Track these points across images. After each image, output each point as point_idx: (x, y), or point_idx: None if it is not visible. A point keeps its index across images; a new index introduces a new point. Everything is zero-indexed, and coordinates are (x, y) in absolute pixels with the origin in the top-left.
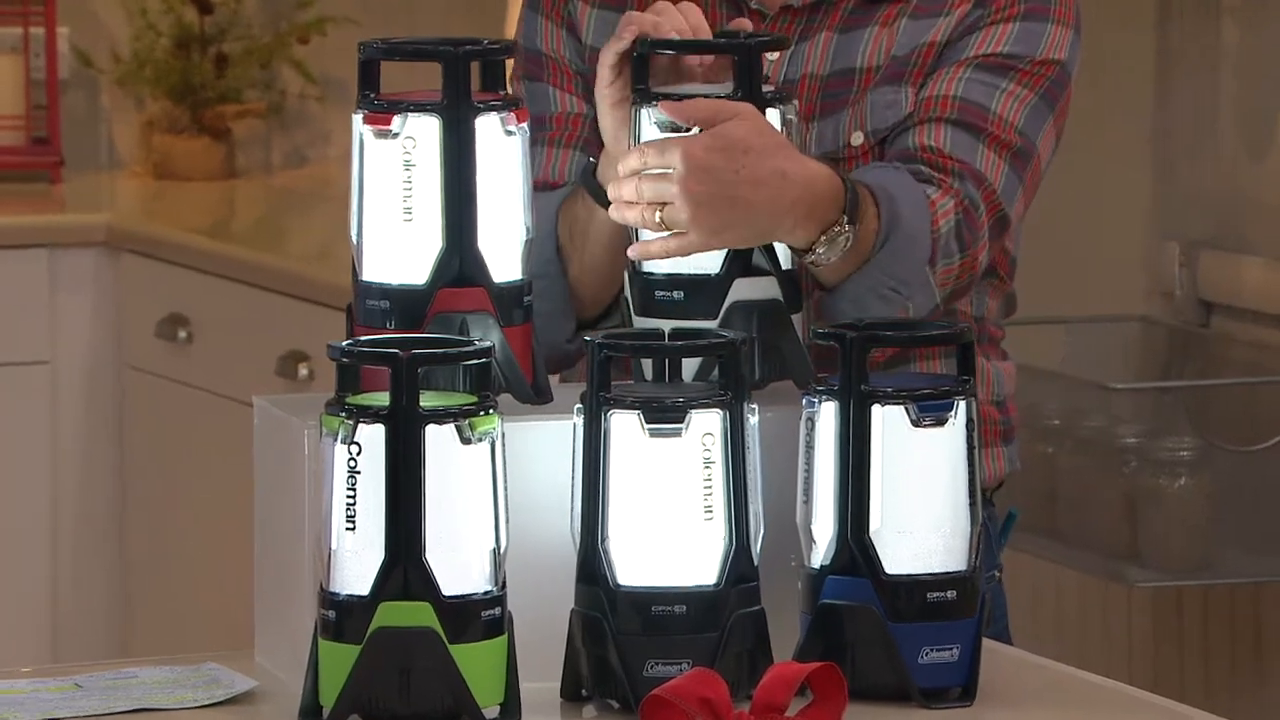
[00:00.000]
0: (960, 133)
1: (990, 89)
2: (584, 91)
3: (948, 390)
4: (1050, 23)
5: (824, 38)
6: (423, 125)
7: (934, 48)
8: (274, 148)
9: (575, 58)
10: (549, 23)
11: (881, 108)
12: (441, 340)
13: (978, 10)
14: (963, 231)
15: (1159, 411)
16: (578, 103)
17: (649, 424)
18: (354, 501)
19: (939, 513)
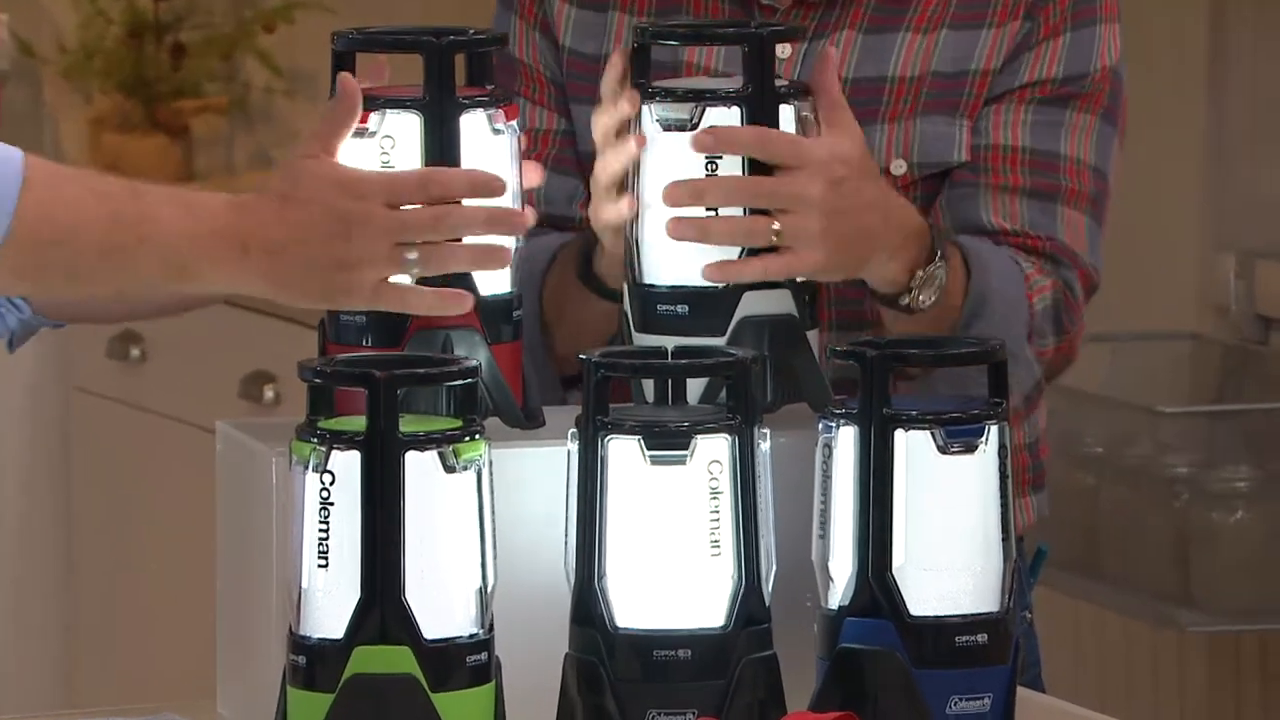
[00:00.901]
0: (1037, 203)
1: (1054, 128)
2: (557, 103)
3: (978, 413)
4: (1098, 24)
5: (846, 36)
6: (402, 123)
7: (987, 77)
8: (237, 147)
9: (550, 63)
10: (523, 24)
11: (931, 139)
12: (423, 359)
13: (1026, 24)
14: (1060, 315)
15: (1212, 438)
16: (549, 117)
17: (650, 450)
18: (327, 536)
19: (968, 548)
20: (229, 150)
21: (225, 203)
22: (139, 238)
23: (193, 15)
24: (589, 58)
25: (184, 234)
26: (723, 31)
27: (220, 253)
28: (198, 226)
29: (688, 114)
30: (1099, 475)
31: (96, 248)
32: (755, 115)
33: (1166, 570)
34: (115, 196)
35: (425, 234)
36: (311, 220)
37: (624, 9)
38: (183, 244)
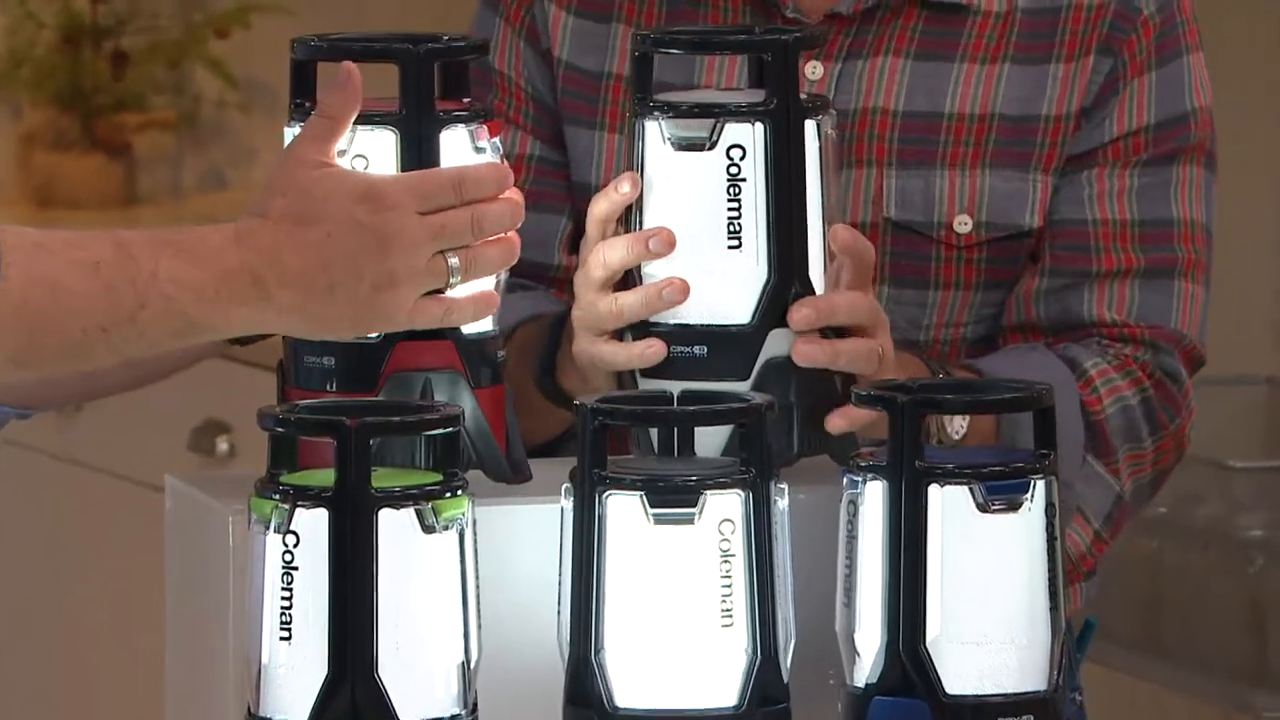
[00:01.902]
0: (1151, 285)
1: (1163, 190)
2: (536, 124)
3: (1022, 467)
4: (1185, 55)
5: (891, 63)
6: (376, 141)
7: (1060, 124)
8: (185, 168)
9: (535, 78)
10: (508, 29)
11: (1002, 197)
12: (398, 405)
13: (1105, 60)
14: (1154, 410)
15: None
16: (524, 140)
17: (653, 508)
18: (290, 605)
19: (1012, 619)
20: (176, 171)
21: (229, 237)
22: (139, 302)
23: (136, 18)
24: (589, 74)
25: (187, 286)
26: (738, 39)
27: (233, 297)
28: (201, 273)
29: (705, 131)
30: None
31: (95, 325)
32: (779, 132)
33: (1239, 645)
34: (105, 263)
35: (464, 238)
36: (336, 241)
37: (629, 21)
38: (187, 298)
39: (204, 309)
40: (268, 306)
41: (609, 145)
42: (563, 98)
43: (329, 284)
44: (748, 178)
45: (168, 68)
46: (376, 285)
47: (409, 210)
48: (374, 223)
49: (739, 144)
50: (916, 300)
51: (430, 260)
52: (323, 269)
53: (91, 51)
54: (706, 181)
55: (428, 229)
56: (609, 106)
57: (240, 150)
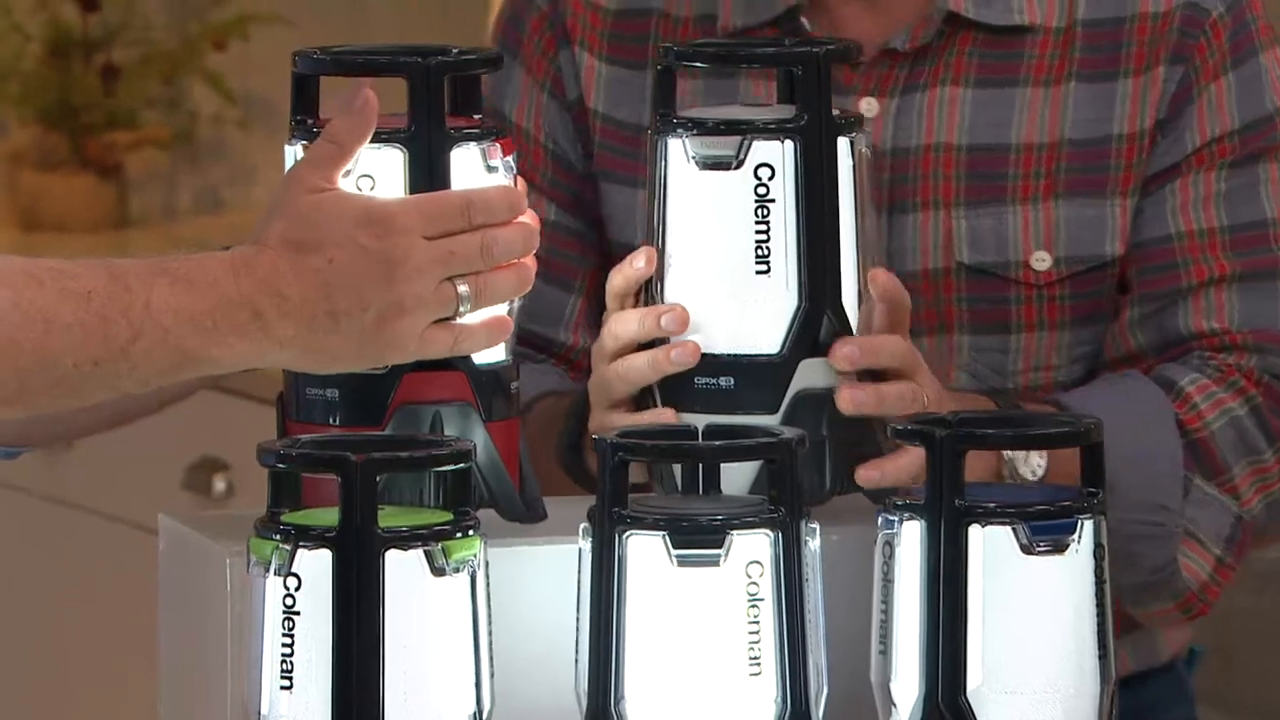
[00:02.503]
0: (1250, 290)
1: (1252, 191)
2: (550, 184)
3: (1068, 505)
4: (1259, 53)
5: (951, 93)
6: (383, 160)
7: (1135, 143)
8: (180, 188)
9: (554, 131)
10: (528, 79)
11: (1079, 227)
12: (405, 440)
13: (1176, 69)
14: (1266, 418)
15: None
16: (538, 203)
17: (677, 549)
18: (291, 652)
19: (1058, 668)
20: (171, 191)
21: (226, 265)
22: (132, 334)
23: (128, 30)
24: (625, 126)
25: (184, 316)
26: (766, 51)
27: (230, 328)
28: (198, 303)
29: (732, 150)
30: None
31: (87, 359)
32: (810, 150)
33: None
34: (97, 293)
35: (474, 265)
36: (339, 268)
37: None
38: (184, 329)
39: (201, 341)
40: (267, 339)
41: None
42: (599, 152)
43: (331, 313)
44: (777, 199)
45: (162, 82)
46: (382, 314)
47: (415, 235)
48: (379, 248)
49: (767, 163)
50: (999, 346)
51: (439, 287)
52: (324, 298)
53: (81, 65)
54: (733, 203)
55: (435, 254)
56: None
57: (238, 169)
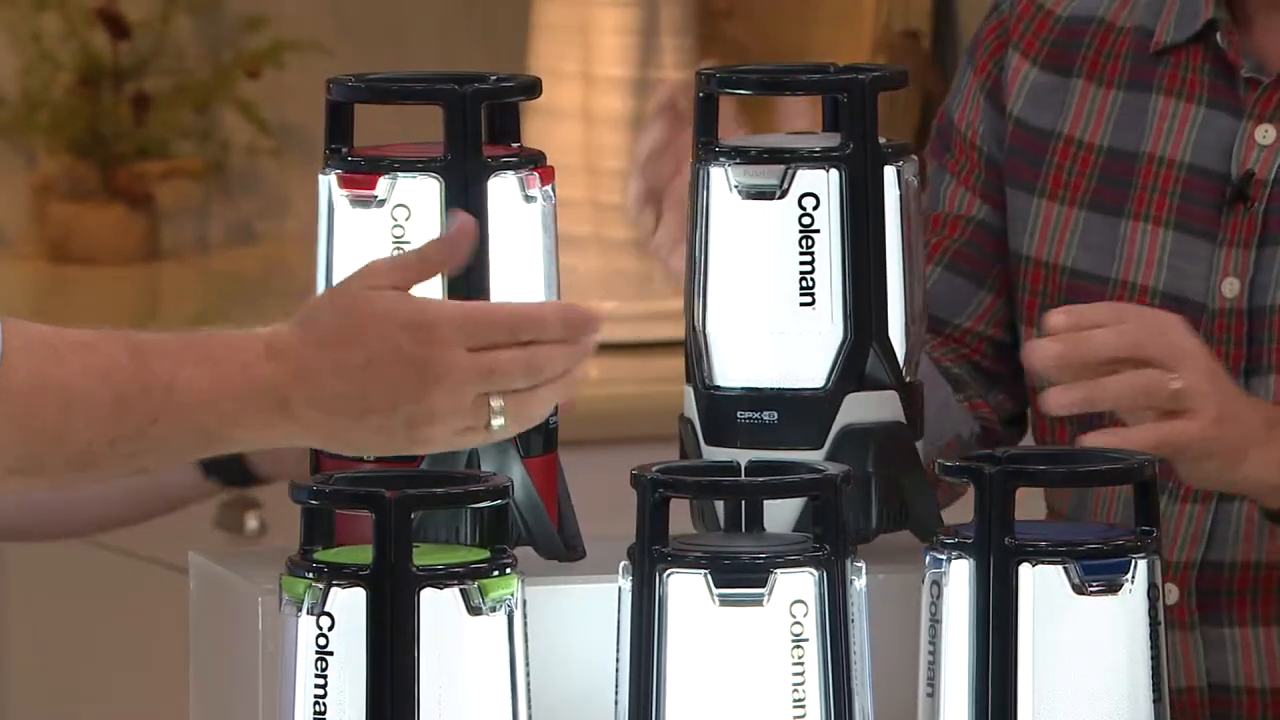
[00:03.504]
0: None
1: None
2: (983, 187)
3: (1122, 544)
4: None
5: None
6: (418, 190)
7: None
8: (212, 219)
9: (988, 135)
10: (975, 80)
11: None
12: (441, 476)
13: None
14: None
15: None
16: (970, 201)
17: (719, 589)
18: (325, 693)
19: (1111, 711)
20: (203, 223)
21: (259, 349)
22: (151, 415)
23: (159, 59)
24: (1038, 132)
25: (205, 399)
26: (810, 78)
27: (255, 412)
28: (222, 388)
29: (775, 179)
30: None
31: (103, 438)
32: (855, 177)
33: None
34: (118, 370)
35: (515, 382)
36: (377, 371)
37: (1090, 76)
38: (205, 412)
39: (222, 424)
40: (292, 424)
41: (1046, 214)
42: (1008, 156)
43: (362, 411)
44: (821, 229)
45: (194, 111)
46: (412, 419)
47: (458, 347)
48: (419, 355)
49: (812, 192)
50: None
51: (475, 400)
52: (358, 396)
53: (112, 94)
54: (777, 233)
55: (475, 369)
56: (1052, 172)
57: (272, 200)
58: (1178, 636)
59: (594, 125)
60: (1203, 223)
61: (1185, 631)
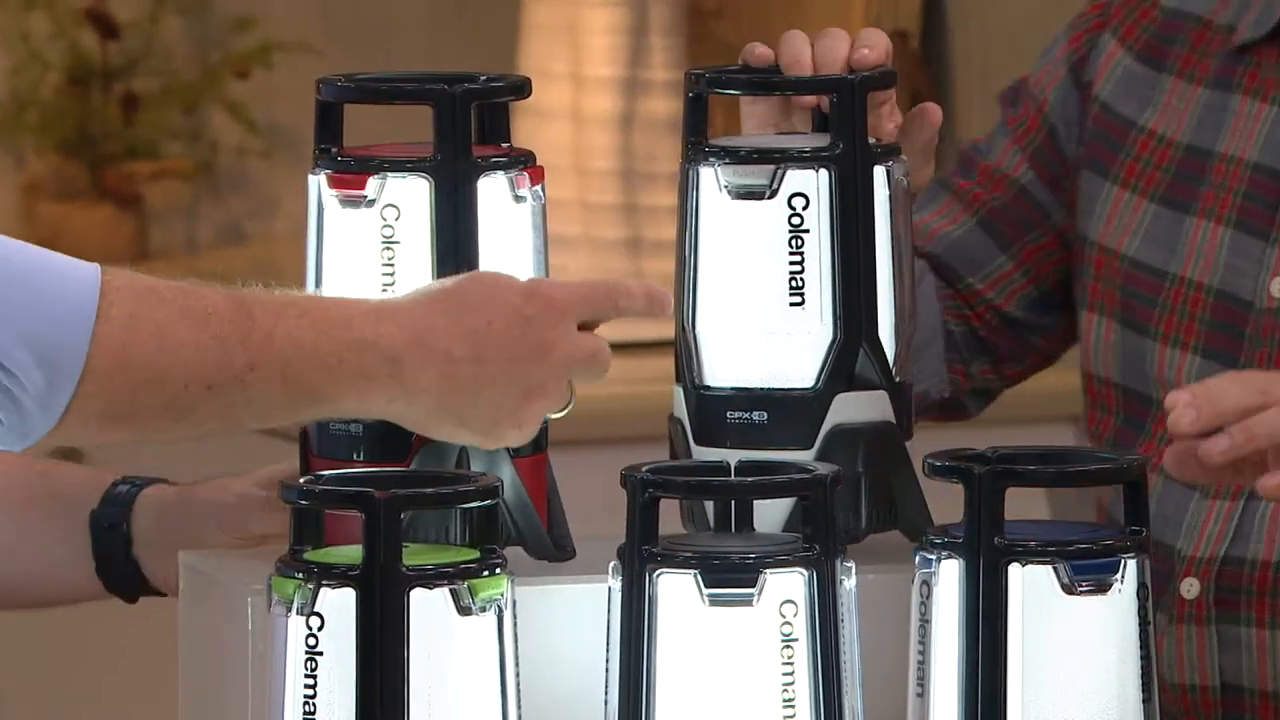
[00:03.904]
0: None
1: None
2: (1035, 153)
3: (1111, 544)
4: None
5: None
6: (409, 190)
7: None
8: (202, 219)
9: (1059, 107)
10: (1064, 52)
11: None
12: (430, 476)
13: None
14: None
15: None
16: (1019, 163)
17: (709, 588)
18: (314, 692)
19: (1100, 712)
20: (192, 223)
21: (367, 309)
22: (249, 362)
23: (148, 59)
24: (1122, 120)
25: (306, 350)
26: (800, 79)
27: (358, 369)
28: (322, 340)
29: (765, 179)
30: None
31: (199, 382)
32: (845, 178)
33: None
34: (218, 315)
35: (602, 368)
36: (498, 333)
37: (1182, 74)
38: (305, 363)
39: (323, 378)
40: (399, 386)
41: (1116, 202)
42: (1089, 139)
43: (478, 377)
44: (811, 229)
45: (183, 112)
46: (528, 391)
47: (572, 321)
48: (539, 323)
49: (801, 192)
50: None
51: (565, 381)
52: (475, 359)
53: (100, 94)
54: (767, 233)
55: (581, 347)
56: (1130, 161)
57: (261, 201)
58: (1194, 632)
59: (583, 125)
60: (1260, 221)
61: (1202, 627)
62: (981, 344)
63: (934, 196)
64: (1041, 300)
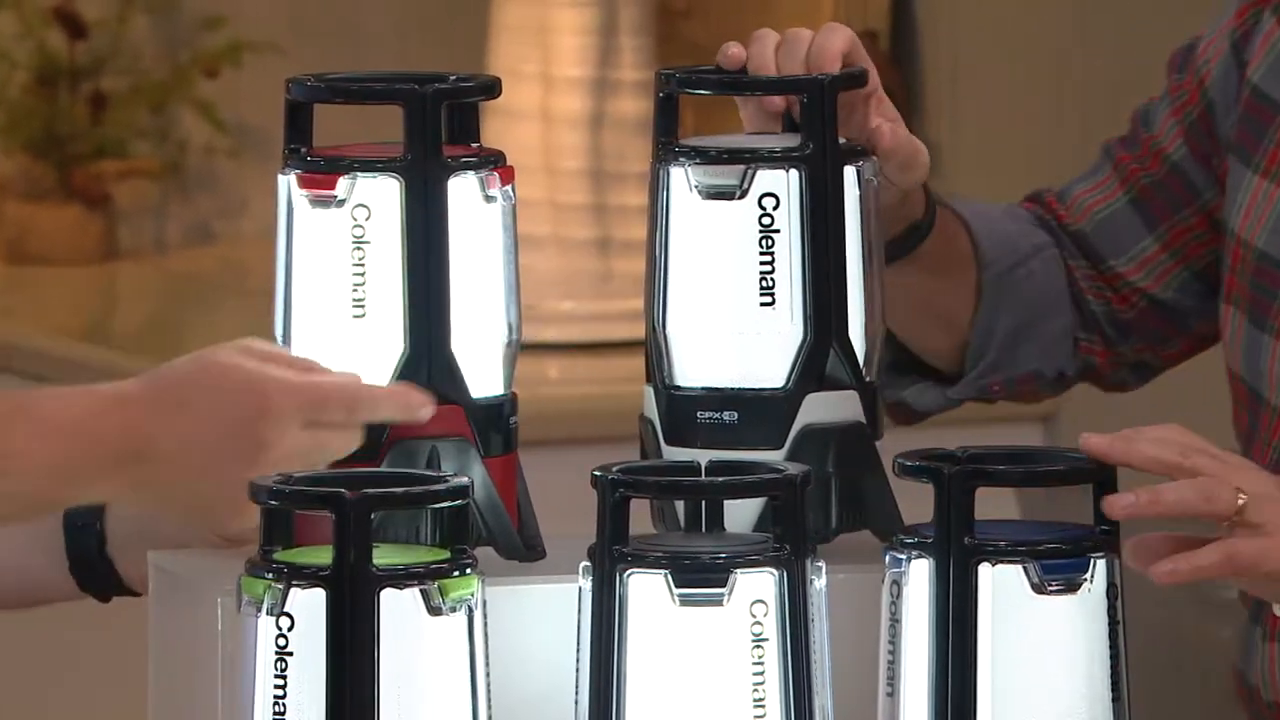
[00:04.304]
0: None
1: None
2: (1189, 128)
3: (1081, 544)
4: None
5: None
6: (379, 190)
7: None
8: (170, 219)
9: (1218, 83)
10: (1229, 25)
11: None
12: (401, 476)
13: None
14: None
15: None
16: (1174, 136)
17: (679, 589)
18: (284, 693)
19: (1070, 711)
20: (160, 223)
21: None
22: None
23: (116, 58)
24: (1273, 106)
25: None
26: (771, 79)
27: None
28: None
29: (735, 179)
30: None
31: None
32: (815, 178)
33: None
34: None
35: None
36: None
37: None
38: (40, 476)
39: (56, 486)
40: (124, 482)
41: (1255, 190)
42: (1239, 124)
43: (181, 476)
44: (782, 229)
45: (151, 111)
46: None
47: (290, 423)
48: (254, 424)
49: (772, 192)
50: None
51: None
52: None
53: (68, 94)
54: (737, 233)
55: (299, 446)
56: (1272, 148)
57: (230, 201)
58: (1271, 650)
59: (553, 125)
60: None
61: (1275, 644)
62: (1127, 325)
63: (1097, 167)
64: (1194, 282)
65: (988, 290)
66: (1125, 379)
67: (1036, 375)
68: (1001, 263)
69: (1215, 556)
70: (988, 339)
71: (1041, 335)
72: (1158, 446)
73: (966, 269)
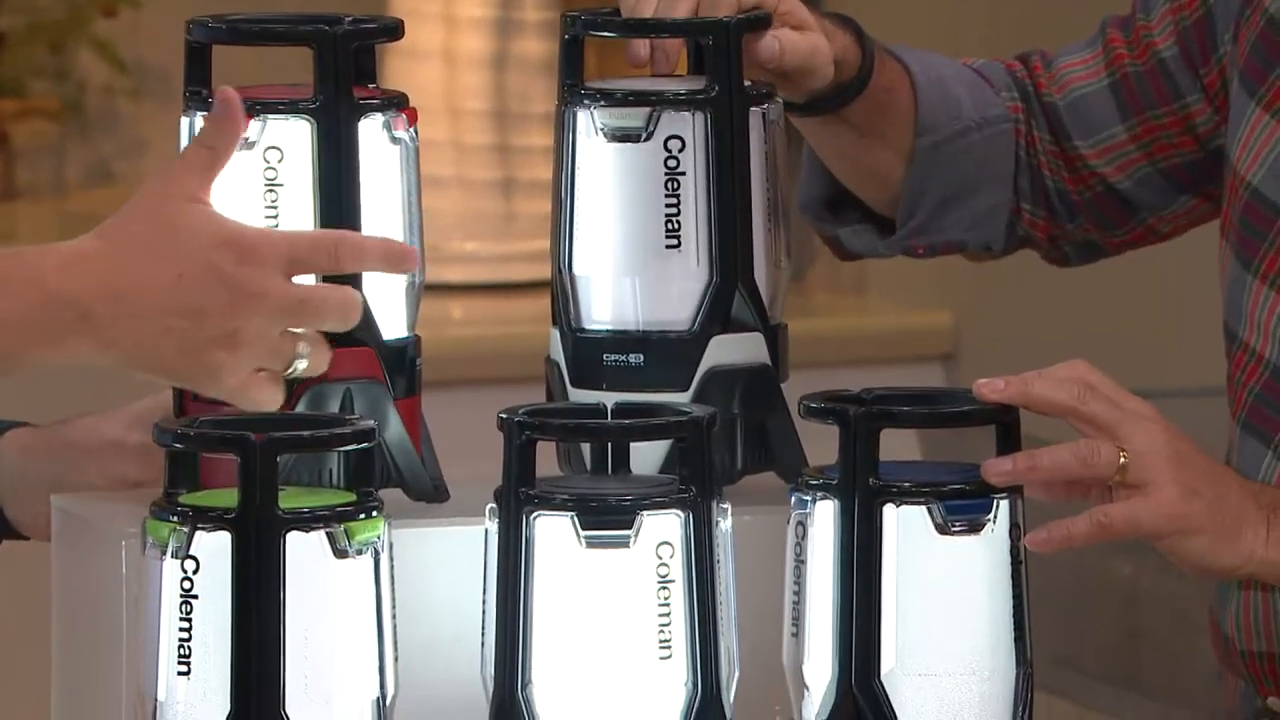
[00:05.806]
0: None
1: None
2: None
3: (985, 484)
4: None
5: None
6: (291, 132)
7: None
8: (70, 160)
9: None
10: None
11: None
12: (307, 419)
13: None
14: None
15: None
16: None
17: (585, 530)
18: (189, 636)
19: (973, 650)
20: (60, 163)
21: (57, 262)
22: None
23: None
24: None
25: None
26: (675, 21)
27: (52, 329)
28: (13, 305)
29: (640, 121)
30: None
31: None
32: (720, 121)
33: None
34: None
35: (325, 319)
36: (187, 284)
37: None
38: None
39: (14, 343)
40: (93, 340)
41: (1254, 125)
42: (1249, 52)
43: (167, 328)
44: (687, 171)
45: (49, 50)
46: (216, 341)
47: (276, 270)
48: (235, 276)
49: (677, 135)
50: None
51: (281, 336)
52: (162, 312)
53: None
54: (642, 175)
55: (289, 300)
56: (1278, 84)
57: (130, 141)
58: (1246, 599)
59: (455, 66)
60: None
61: (1267, 594)
62: (1077, 206)
63: (1090, 41)
64: (1157, 178)
65: (920, 156)
66: (1067, 255)
67: (960, 244)
68: (940, 130)
69: (1085, 525)
70: (916, 202)
71: (971, 208)
72: (1054, 388)
73: (903, 129)
